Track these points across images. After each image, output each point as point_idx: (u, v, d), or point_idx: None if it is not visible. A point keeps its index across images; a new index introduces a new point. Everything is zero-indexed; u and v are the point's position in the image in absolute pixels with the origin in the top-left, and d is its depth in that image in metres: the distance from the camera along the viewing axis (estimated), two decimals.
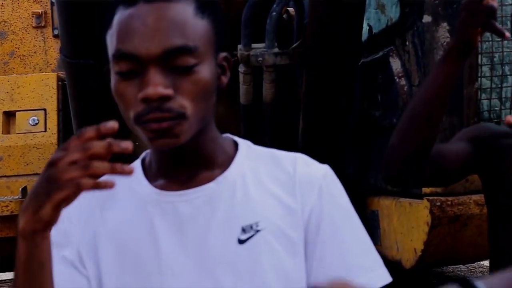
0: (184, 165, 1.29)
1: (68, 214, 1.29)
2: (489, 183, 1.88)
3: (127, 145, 1.06)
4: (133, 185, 1.31)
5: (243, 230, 1.25)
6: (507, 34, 1.65)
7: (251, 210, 1.26)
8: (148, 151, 1.34)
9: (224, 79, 1.29)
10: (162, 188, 1.29)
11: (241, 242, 1.24)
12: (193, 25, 1.21)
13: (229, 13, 3.49)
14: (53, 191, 1.07)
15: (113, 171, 1.06)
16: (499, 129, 1.92)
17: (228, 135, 1.37)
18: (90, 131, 1.08)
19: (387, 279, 1.29)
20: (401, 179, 1.86)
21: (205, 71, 1.21)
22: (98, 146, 1.06)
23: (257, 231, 1.25)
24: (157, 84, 1.15)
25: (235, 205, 1.26)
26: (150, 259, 1.26)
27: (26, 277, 1.14)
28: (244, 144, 1.35)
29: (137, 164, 1.35)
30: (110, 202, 1.31)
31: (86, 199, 1.31)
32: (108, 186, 1.07)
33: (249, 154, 1.33)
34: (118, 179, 1.35)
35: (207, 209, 1.26)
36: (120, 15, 1.21)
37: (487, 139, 1.83)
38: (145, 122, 1.17)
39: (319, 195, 1.28)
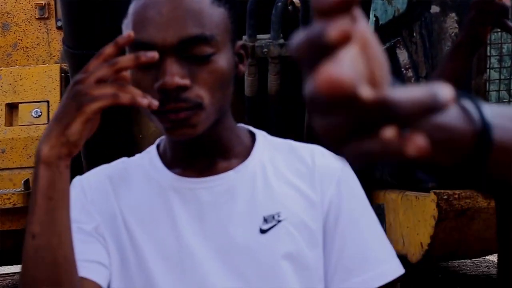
0: (201, 154, 1.29)
1: (83, 193, 1.30)
2: None
3: (153, 54, 1.08)
4: (148, 170, 1.32)
5: (265, 220, 1.25)
6: None
7: (272, 200, 1.27)
8: (162, 137, 1.34)
9: (242, 68, 1.29)
10: (181, 175, 1.29)
11: (262, 231, 1.25)
12: (209, 13, 1.20)
13: None
14: (83, 104, 1.06)
15: (145, 96, 1.08)
16: None
17: (243, 125, 1.37)
18: (109, 48, 1.09)
19: (400, 270, 1.31)
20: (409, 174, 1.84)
21: (222, 60, 1.21)
22: (125, 59, 1.07)
23: (279, 221, 1.25)
24: (174, 74, 1.15)
25: (256, 194, 1.27)
26: (170, 243, 1.25)
27: (46, 208, 1.12)
28: (260, 135, 1.36)
29: (152, 150, 1.35)
30: (124, 185, 1.32)
31: (97, 182, 1.31)
32: (144, 104, 1.08)
33: (266, 144, 1.34)
34: (131, 165, 1.35)
35: (228, 197, 1.27)
36: (135, 4, 1.21)
37: None
38: (162, 112, 1.16)
39: (337, 187, 1.30)
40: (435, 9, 2.70)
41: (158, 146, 1.37)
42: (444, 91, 0.57)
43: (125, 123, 3.46)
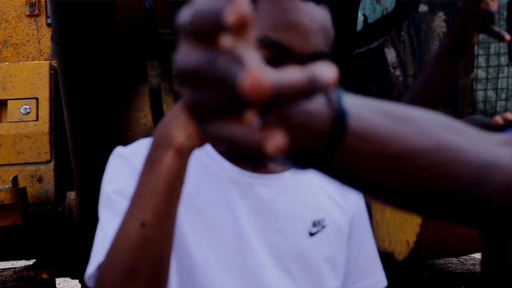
0: None
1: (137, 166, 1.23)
2: None
3: None
4: (202, 157, 1.30)
5: (313, 224, 1.31)
6: (507, 37, 1.62)
7: (318, 206, 1.34)
8: None
9: None
10: (238, 167, 1.30)
11: (311, 234, 1.31)
12: (331, 33, 1.23)
13: None
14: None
15: None
16: (487, 121, 1.90)
17: None
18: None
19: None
20: None
21: None
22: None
23: (323, 227, 1.32)
24: None
25: (306, 198, 1.33)
26: (229, 234, 1.25)
27: (166, 198, 1.04)
28: None
29: None
30: None
31: None
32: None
33: None
34: None
35: (284, 197, 1.30)
36: (270, 2, 1.20)
37: None
38: None
39: (357, 200, 1.41)
40: (423, 8, 2.71)
41: None
42: (325, 73, 0.56)
43: (114, 120, 3.46)
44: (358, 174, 0.69)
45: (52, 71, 4.02)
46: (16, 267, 4.33)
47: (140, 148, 1.30)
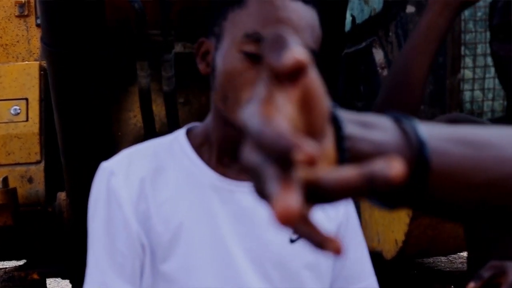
0: None
1: (120, 195, 1.29)
2: None
3: None
4: (185, 164, 1.32)
5: None
6: None
7: None
8: (193, 125, 1.34)
9: None
10: (221, 174, 1.32)
11: (291, 241, 1.31)
12: (318, 32, 1.27)
13: None
14: None
15: None
16: (470, 119, 1.91)
17: None
18: None
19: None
20: None
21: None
22: None
23: None
24: None
25: None
26: (208, 239, 1.28)
27: None
28: None
29: (181, 140, 1.35)
30: (160, 177, 1.30)
31: (136, 174, 1.30)
32: None
33: None
34: (160, 151, 1.33)
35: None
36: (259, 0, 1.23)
37: None
38: None
39: (346, 206, 1.42)
40: (410, 9, 2.73)
41: (187, 134, 1.36)
42: (388, 170, 0.52)
43: (104, 120, 3.47)
44: (444, 206, 0.69)
45: (42, 72, 4.01)
46: (6, 268, 4.32)
47: (123, 161, 1.33)
